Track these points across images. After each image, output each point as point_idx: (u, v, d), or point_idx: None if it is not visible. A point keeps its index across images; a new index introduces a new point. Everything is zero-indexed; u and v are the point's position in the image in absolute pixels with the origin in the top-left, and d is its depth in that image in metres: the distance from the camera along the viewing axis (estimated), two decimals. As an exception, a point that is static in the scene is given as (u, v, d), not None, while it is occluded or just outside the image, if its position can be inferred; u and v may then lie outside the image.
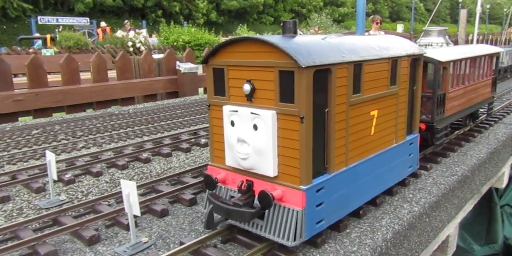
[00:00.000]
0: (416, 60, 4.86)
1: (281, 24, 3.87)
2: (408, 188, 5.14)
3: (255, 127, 3.46)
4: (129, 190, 3.73)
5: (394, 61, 4.32)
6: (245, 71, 3.57)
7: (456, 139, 7.23)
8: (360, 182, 4.06)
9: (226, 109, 3.70)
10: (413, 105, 5.00)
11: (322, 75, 3.35)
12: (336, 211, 3.76)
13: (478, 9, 18.91)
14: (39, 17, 44.11)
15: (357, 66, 3.75)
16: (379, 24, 14.80)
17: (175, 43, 22.11)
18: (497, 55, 7.91)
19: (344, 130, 3.71)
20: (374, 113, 4.16)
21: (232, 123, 3.66)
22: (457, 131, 7.51)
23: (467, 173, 5.93)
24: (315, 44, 3.51)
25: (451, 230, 5.82)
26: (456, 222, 6.32)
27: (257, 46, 3.44)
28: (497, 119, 8.84)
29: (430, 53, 5.71)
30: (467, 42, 24.74)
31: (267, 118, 3.37)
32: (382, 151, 4.37)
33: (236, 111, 3.60)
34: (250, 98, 3.56)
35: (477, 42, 23.39)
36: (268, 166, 3.46)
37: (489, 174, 7.14)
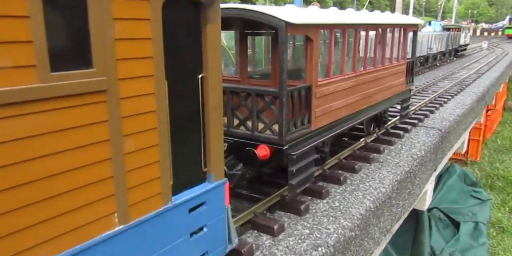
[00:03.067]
0: (196, 8, 2.00)
1: None
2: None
3: None
4: None
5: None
6: None
7: (349, 159, 4.58)
8: None
9: None
10: (202, 118, 2.15)
11: None
12: None
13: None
14: None
15: None
16: None
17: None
18: (414, 28, 5.34)
19: None
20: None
21: None
22: (353, 146, 4.88)
23: (349, 234, 3.24)
24: None
25: None
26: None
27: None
28: (416, 121, 6.37)
29: (270, 8, 2.91)
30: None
31: None
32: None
33: None
34: None
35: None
36: None
37: (398, 213, 4.59)
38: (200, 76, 2.08)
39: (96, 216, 1.63)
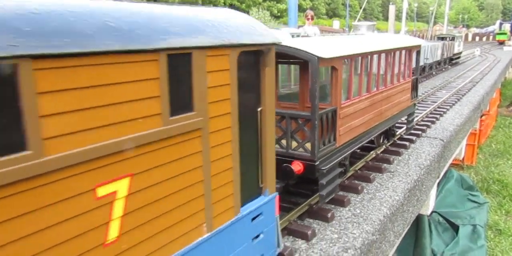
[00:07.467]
0: (258, 55, 2.47)
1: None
2: (258, 295, 2.76)
3: None
4: None
5: (174, 58, 1.86)
6: None
7: (363, 170, 5.05)
8: None
9: None
10: (259, 143, 2.61)
11: None
12: None
13: (405, 5, 17.89)
14: None
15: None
16: (310, 20, 13.01)
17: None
18: (417, 48, 5.86)
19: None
20: (118, 187, 1.67)
21: None
22: (367, 156, 5.35)
23: (371, 238, 3.71)
24: None
25: None
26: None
27: None
28: (420, 132, 6.87)
29: (301, 43, 3.38)
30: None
31: None
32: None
33: None
34: None
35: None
36: None
37: (409, 218, 5.05)
38: (259, 109, 2.55)
39: (194, 226, 2.08)
